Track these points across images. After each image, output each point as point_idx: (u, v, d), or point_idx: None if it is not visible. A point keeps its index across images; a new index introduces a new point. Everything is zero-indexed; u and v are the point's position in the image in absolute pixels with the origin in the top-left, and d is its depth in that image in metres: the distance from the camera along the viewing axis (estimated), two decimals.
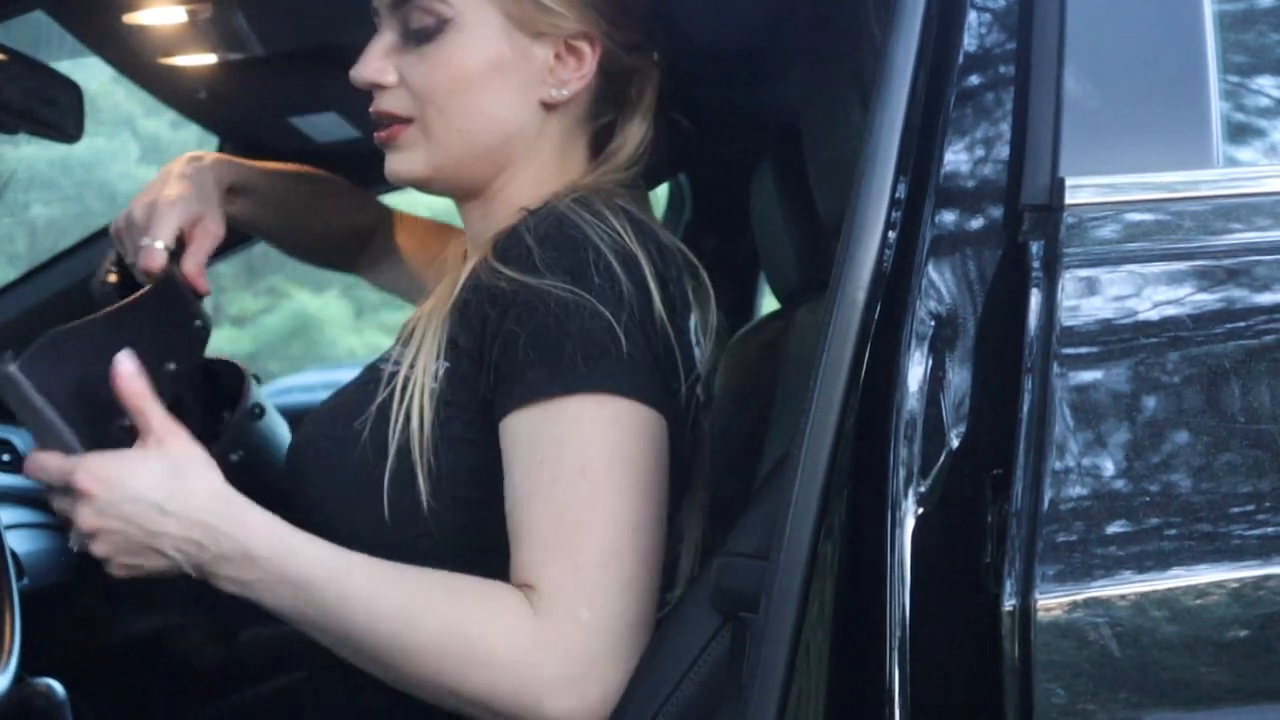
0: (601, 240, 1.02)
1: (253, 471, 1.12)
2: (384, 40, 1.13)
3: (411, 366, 1.04)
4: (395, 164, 1.14)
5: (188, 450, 1.01)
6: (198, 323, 1.18)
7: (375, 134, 1.14)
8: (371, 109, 1.13)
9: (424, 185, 1.16)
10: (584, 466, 0.98)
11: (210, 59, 1.74)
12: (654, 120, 1.18)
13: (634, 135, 1.17)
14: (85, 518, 0.97)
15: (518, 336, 0.99)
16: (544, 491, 0.98)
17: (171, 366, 1.13)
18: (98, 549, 0.98)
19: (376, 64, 1.12)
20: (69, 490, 0.98)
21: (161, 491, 0.98)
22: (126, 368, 1.00)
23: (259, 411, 1.23)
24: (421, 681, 0.97)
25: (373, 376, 1.09)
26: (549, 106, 1.13)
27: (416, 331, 1.06)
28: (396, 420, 1.03)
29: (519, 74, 1.11)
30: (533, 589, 0.97)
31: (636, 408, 1.00)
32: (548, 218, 1.04)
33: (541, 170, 1.15)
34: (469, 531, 1.04)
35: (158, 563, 0.98)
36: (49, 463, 0.99)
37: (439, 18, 1.09)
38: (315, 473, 1.08)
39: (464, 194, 1.17)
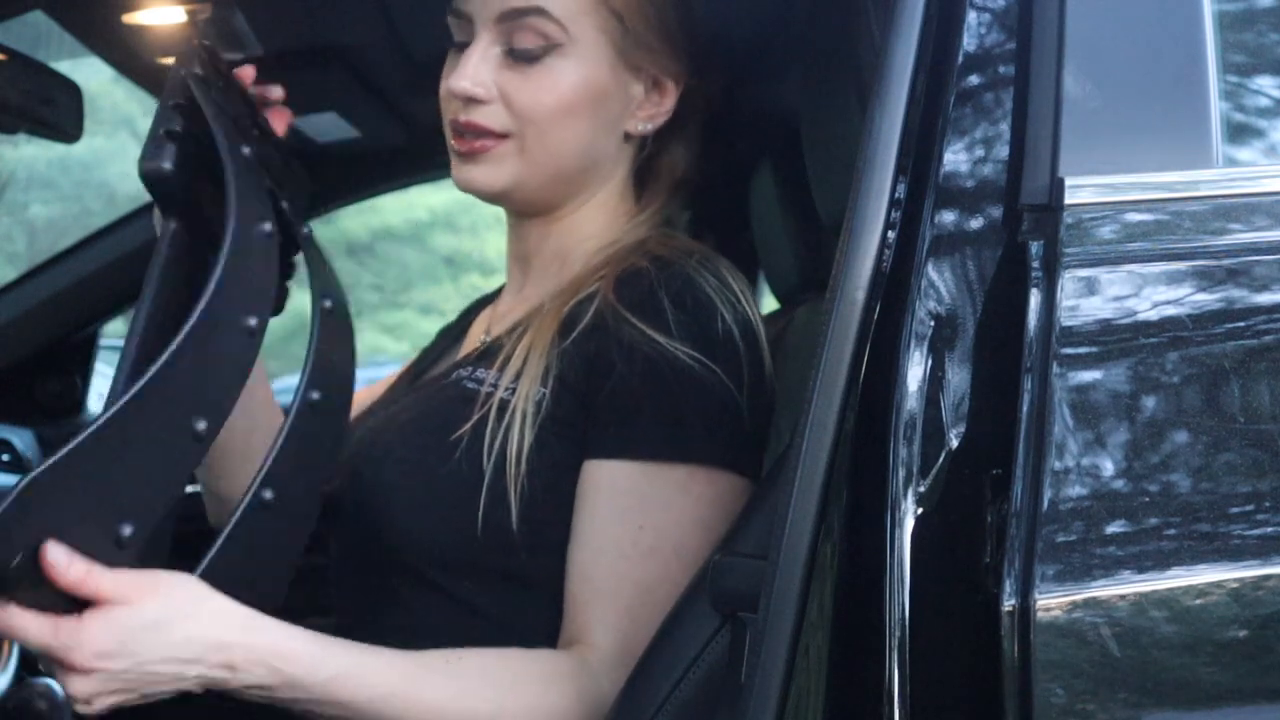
0: (726, 308, 1.04)
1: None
2: (483, 52, 1.11)
3: (510, 390, 1.04)
4: (476, 175, 1.12)
5: (172, 589, 0.89)
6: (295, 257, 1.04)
7: (456, 143, 1.12)
8: (460, 119, 1.11)
9: (498, 198, 1.15)
10: (680, 547, 1.01)
11: None
12: (700, 146, 1.22)
13: (682, 160, 1.21)
14: (86, 689, 0.86)
15: (639, 391, 1.01)
16: (639, 558, 1.00)
17: (252, 322, 0.95)
18: (100, 705, 0.87)
19: (478, 77, 1.10)
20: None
21: (170, 645, 0.87)
22: (56, 556, 0.83)
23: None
24: None
25: (462, 394, 1.09)
26: (627, 139, 1.16)
27: (516, 356, 1.07)
28: (494, 439, 1.03)
29: (615, 105, 1.13)
30: (594, 645, 0.99)
31: (737, 481, 1.03)
32: (678, 278, 1.05)
33: (609, 195, 1.18)
34: (550, 552, 1.04)
35: (176, 689, 0.90)
36: (30, 626, 0.85)
37: (548, 41, 1.09)
38: (395, 487, 1.06)
39: (531, 211, 1.18)
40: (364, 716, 0.93)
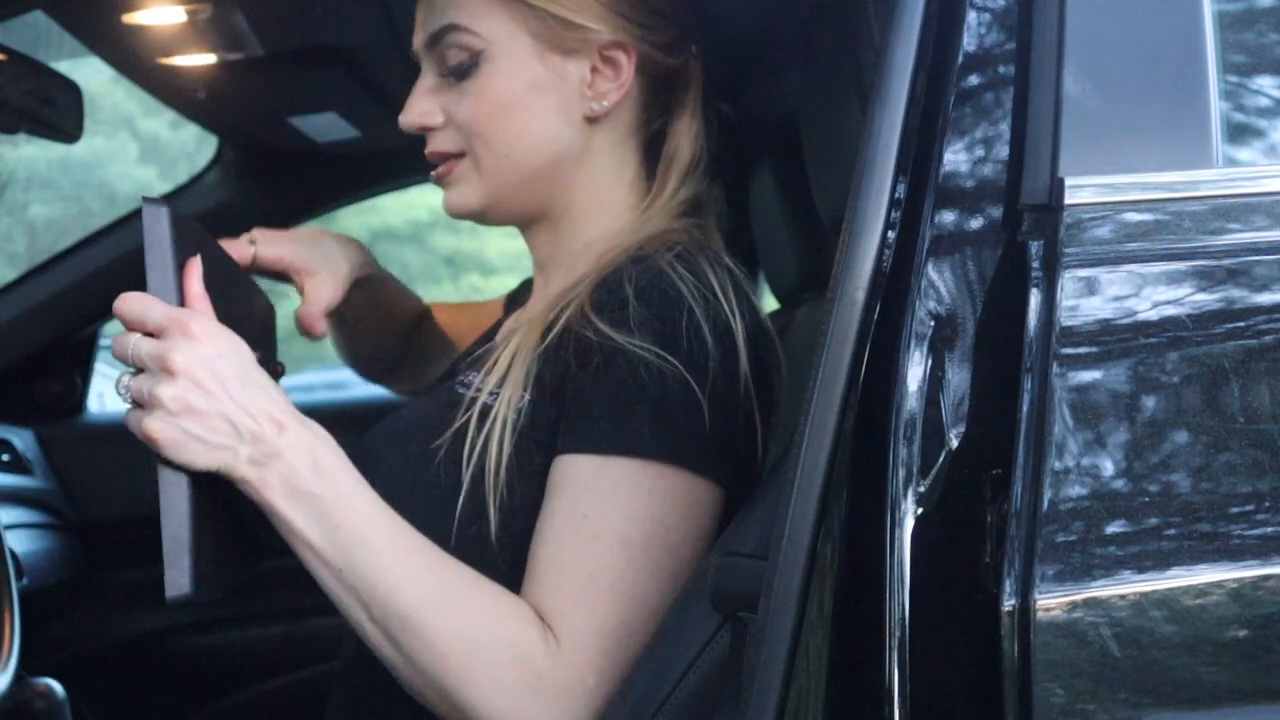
0: (697, 302, 1.02)
1: None
2: (426, 82, 1.14)
3: (493, 395, 1.04)
4: (452, 199, 1.15)
5: None
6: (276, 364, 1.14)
7: (432, 173, 1.16)
8: (426, 151, 1.15)
9: (481, 216, 1.16)
10: (626, 537, 0.99)
11: (210, 59, 1.74)
12: (703, 115, 1.19)
13: (686, 134, 1.17)
14: (180, 361, 0.90)
15: (593, 387, 1.00)
16: (582, 545, 0.98)
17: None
18: (176, 402, 0.91)
19: (421, 107, 1.13)
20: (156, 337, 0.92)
21: (255, 375, 0.94)
22: (197, 270, 0.95)
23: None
24: (415, 663, 0.95)
25: (451, 399, 1.08)
26: (592, 121, 1.13)
27: (501, 361, 1.06)
28: (474, 447, 1.02)
29: (557, 93, 1.11)
30: (550, 630, 0.98)
31: (694, 481, 1.01)
32: (648, 271, 1.04)
33: (599, 186, 1.16)
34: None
35: (218, 439, 0.92)
36: (153, 305, 0.93)
37: (471, 51, 1.10)
38: (384, 490, 1.06)
39: (525, 220, 1.18)
40: (338, 545, 0.94)
